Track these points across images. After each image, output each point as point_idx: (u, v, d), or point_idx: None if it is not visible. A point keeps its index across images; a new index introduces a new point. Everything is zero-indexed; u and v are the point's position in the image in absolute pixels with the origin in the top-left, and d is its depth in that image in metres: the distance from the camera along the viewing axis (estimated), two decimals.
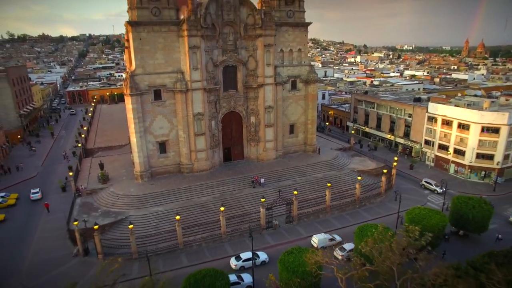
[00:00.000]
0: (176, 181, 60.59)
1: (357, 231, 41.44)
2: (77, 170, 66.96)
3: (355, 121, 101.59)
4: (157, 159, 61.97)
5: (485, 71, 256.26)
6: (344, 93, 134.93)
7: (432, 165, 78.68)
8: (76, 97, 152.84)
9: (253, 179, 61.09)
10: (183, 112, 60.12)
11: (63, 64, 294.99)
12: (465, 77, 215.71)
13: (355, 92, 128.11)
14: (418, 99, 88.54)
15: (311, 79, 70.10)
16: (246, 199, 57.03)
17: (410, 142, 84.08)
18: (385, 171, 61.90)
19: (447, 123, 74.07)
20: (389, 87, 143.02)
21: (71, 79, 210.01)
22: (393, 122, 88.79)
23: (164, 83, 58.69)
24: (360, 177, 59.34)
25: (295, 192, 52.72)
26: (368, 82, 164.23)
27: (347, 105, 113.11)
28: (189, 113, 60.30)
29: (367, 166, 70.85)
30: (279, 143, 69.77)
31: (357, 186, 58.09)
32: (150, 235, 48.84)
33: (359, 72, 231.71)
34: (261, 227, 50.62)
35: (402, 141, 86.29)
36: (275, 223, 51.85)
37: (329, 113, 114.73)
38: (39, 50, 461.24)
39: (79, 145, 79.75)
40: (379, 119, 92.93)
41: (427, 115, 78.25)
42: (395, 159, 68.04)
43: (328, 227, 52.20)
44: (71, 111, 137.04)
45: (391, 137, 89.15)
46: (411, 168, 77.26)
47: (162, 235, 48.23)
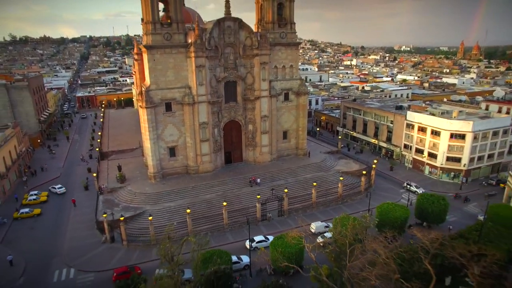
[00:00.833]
0: (184, 181, 70.33)
1: (334, 221, 51.14)
2: (97, 171, 76.52)
3: (344, 126, 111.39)
4: (167, 162, 71.67)
5: (475, 75, 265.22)
6: (336, 98, 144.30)
7: (410, 166, 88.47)
8: (85, 102, 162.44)
9: (251, 179, 70.91)
10: (190, 121, 69.83)
11: (67, 68, 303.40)
12: (454, 81, 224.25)
13: (347, 97, 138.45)
14: (399, 107, 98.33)
15: (302, 91, 79.86)
16: (244, 196, 66.83)
17: (391, 146, 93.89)
18: (365, 172, 71.75)
19: (423, 130, 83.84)
20: (379, 93, 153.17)
21: (78, 84, 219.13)
22: (377, 127, 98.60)
23: (174, 97, 68.39)
24: (342, 178, 69.20)
25: (286, 190, 62.60)
26: (360, 87, 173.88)
27: (338, 111, 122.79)
28: (195, 122, 70.01)
29: (351, 167, 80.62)
30: (273, 148, 79.55)
31: (339, 185, 67.93)
32: (164, 225, 58.43)
33: (354, 76, 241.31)
34: (257, 219, 60.45)
35: (385, 145, 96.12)
36: (269, 216, 61.72)
37: (321, 118, 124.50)
38: (42, 52, 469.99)
39: (97, 149, 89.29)
40: (365, 125, 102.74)
41: (405, 122, 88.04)
42: (375, 161, 77.90)
43: (313, 220, 61.78)
44: (82, 115, 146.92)
45: (375, 141, 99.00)
46: (391, 169, 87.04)
47: (174, 225, 57.84)
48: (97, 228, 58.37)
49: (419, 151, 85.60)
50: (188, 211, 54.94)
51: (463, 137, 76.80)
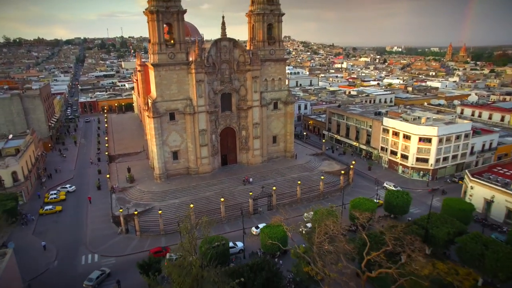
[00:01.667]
0: (186, 181, 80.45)
1: (314, 212, 61.65)
2: (108, 173, 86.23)
3: (329, 130, 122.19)
4: (171, 164, 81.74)
5: (457, 78, 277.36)
6: (324, 103, 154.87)
7: (386, 166, 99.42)
8: (87, 107, 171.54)
9: (244, 179, 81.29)
10: (191, 129, 79.97)
11: (66, 72, 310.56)
12: (438, 85, 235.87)
13: (335, 102, 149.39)
14: (378, 113, 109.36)
15: (289, 101, 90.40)
16: (239, 193, 77.18)
17: (370, 148, 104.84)
18: (343, 172, 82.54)
19: (396, 134, 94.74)
20: (364, 97, 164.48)
21: (77, 89, 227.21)
22: (358, 131, 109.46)
23: (177, 107, 78.48)
24: (323, 177, 79.86)
25: (274, 188, 73.14)
26: (348, 91, 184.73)
27: (324, 115, 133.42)
28: (195, 129, 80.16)
29: (333, 168, 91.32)
30: (264, 151, 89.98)
31: (321, 183, 78.58)
32: (170, 219, 68.57)
33: (343, 80, 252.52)
34: (249, 213, 70.83)
35: (364, 147, 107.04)
36: (260, 210, 72.17)
37: (309, 122, 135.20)
38: (37, 55, 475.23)
39: (106, 153, 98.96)
40: (348, 129, 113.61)
41: (382, 127, 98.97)
42: (353, 162, 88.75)
43: (298, 213, 72.29)
44: (86, 119, 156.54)
45: (356, 144, 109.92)
46: (369, 169, 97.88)
47: (179, 218, 67.91)
48: (113, 221, 68.33)
49: (394, 153, 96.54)
50: (191, 206, 65.10)
51: (429, 140, 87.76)
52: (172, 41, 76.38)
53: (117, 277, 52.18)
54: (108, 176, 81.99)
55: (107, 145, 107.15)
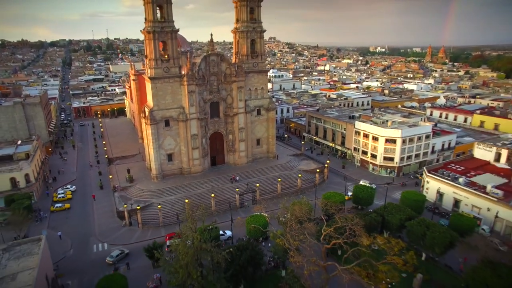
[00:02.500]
0: (180, 180, 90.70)
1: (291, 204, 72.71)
2: (109, 174, 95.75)
3: (309, 132, 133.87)
4: (166, 165, 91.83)
5: (433, 80, 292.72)
6: (305, 106, 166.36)
7: (358, 165, 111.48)
8: (81, 112, 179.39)
9: (231, 177, 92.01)
10: (183, 133, 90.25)
11: (54, 76, 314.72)
12: (413, 87, 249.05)
13: (315, 105, 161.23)
14: (352, 117, 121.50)
15: (271, 108, 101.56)
16: (227, 189, 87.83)
17: (345, 148, 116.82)
18: (318, 170, 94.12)
19: (366, 136, 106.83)
20: (343, 100, 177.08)
21: (68, 93, 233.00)
22: (334, 133, 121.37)
23: (171, 115, 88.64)
24: (300, 175, 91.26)
25: (258, 185, 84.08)
26: (328, 94, 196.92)
27: (305, 118, 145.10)
28: (188, 134, 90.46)
29: (310, 166, 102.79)
30: (249, 152, 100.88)
31: (298, 180, 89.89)
32: (168, 213, 78.74)
33: (324, 83, 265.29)
34: (236, 206, 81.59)
35: (339, 147, 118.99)
36: (245, 204, 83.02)
37: (291, 125, 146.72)
38: (22, 57, 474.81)
39: (106, 156, 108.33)
40: (325, 131, 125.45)
41: (354, 129, 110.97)
42: (328, 161, 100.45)
43: (278, 206, 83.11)
44: (81, 123, 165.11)
45: (332, 144, 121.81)
46: (343, 167, 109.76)
47: (175, 212, 78.20)
48: (117, 216, 78.18)
49: (365, 153, 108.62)
50: (186, 201, 75.39)
51: (394, 141, 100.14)
52: (166, 57, 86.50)
53: (126, 260, 62.40)
54: (110, 177, 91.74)
55: (105, 148, 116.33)
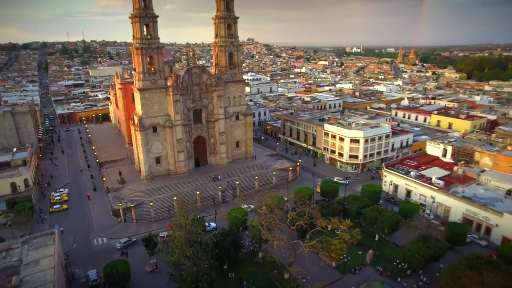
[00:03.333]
0: (167, 180, 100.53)
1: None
2: (102, 176, 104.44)
3: (284, 133, 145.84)
4: (155, 167, 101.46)
5: (401, 82, 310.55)
6: (281, 109, 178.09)
7: (328, 163, 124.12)
8: (65, 119, 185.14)
9: (214, 176, 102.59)
10: (170, 138, 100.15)
11: (32, 81, 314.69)
12: (383, 88, 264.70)
13: (291, 108, 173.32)
14: (322, 119, 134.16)
15: (248, 113, 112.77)
16: (210, 187, 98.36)
17: (316, 148, 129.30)
18: (291, 168, 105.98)
19: (334, 137, 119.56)
20: (316, 103, 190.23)
21: (52, 100, 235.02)
22: (306, 135, 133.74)
23: (158, 122, 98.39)
24: (275, 173, 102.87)
25: (238, 182, 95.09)
26: (303, 97, 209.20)
27: (280, 121, 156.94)
28: (174, 139, 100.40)
29: (285, 165, 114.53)
30: (229, 154, 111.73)
31: (274, 178, 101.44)
32: (158, 209, 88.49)
33: (300, 86, 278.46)
34: (219, 202, 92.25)
35: (311, 147, 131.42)
36: (227, 199, 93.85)
37: (268, 128, 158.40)
38: None
39: (97, 161, 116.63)
40: (298, 133, 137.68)
41: (323, 131, 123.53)
42: (299, 160, 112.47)
43: (256, 201, 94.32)
44: (66, 128, 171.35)
45: (305, 145, 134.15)
46: (314, 165, 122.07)
47: (164, 208, 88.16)
48: (112, 214, 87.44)
49: (333, 152, 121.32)
50: (175, 198, 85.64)
51: (358, 141, 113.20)
52: (153, 69, 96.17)
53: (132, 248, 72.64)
54: (104, 179, 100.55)
55: (95, 153, 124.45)
